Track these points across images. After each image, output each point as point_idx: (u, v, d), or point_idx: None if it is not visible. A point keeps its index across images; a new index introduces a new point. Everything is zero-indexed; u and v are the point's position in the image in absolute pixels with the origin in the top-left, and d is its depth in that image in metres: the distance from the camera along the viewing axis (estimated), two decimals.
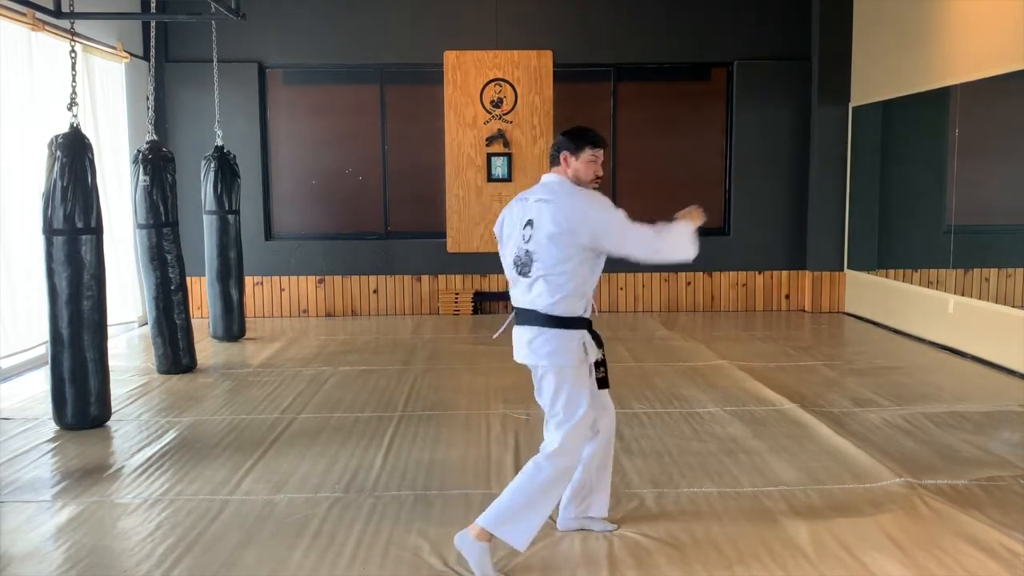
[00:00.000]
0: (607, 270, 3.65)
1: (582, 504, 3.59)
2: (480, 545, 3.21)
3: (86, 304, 5.00)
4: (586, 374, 3.34)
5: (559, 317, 3.27)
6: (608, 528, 3.61)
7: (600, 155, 3.36)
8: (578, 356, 3.28)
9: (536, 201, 3.29)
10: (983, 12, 6.81)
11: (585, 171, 3.33)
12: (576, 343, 3.28)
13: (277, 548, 3.50)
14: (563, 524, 3.61)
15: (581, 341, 3.29)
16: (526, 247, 3.28)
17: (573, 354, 3.28)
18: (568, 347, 3.27)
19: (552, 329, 3.27)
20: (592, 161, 3.33)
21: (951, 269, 7.25)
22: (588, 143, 3.32)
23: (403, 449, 4.75)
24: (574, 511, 3.59)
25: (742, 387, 6.03)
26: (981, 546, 3.44)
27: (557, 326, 3.27)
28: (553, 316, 3.27)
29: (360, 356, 7.26)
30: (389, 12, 9.18)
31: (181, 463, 4.54)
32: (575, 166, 3.32)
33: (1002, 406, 5.53)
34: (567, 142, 3.34)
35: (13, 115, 6.51)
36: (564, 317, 3.28)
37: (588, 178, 3.34)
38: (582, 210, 3.24)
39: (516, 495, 3.24)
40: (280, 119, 9.40)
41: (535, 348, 3.29)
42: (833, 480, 4.19)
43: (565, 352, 3.27)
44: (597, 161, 3.35)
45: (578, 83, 9.41)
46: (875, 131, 8.73)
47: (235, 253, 7.87)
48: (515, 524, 3.21)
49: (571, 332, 3.28)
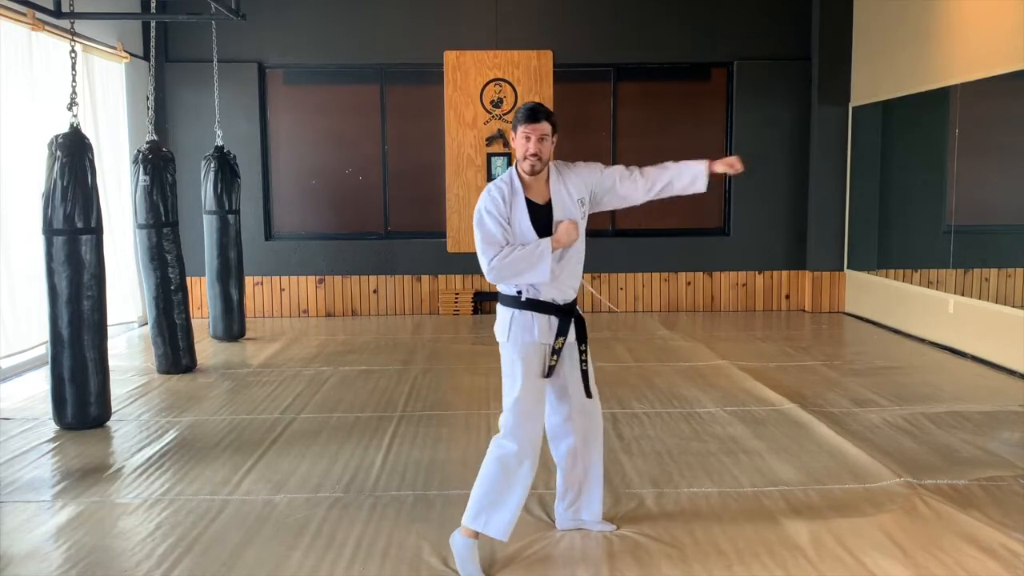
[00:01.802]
0: (606, 270, 3.65)
1: (571, 507, 3.57)
2: (465, 541, 3.24)
3: (86, 304, 5.00)
4: (517, 356, 3.28)
5: (499, 293, 3.38)
6: (607, 528, 3.58)
7: (533, 130, 3.23)
8: (508, 334, 3.28)
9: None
10: (983, 12, 6.81)
11: (519, 147, 3.28)
12: (505, 319, 3.30)
13: (277, 548, 3.50)
14: (560, 524, 3.60)
15: (510, 318, 3.29)
16: None
17: (503, 331, 3.31)
18: (499, 324, 3.34)
19: (498, 304, 3.38)
20: (525, 137, 3.25)
21: (951, 269, 7.25)
22: (520, 119, 3.26)
23: (403, 449, 4.75)
24: (564, 512, 3.59)
25: (742, 387, 6.03)
26: (981, 546, 3.44)
27: (499, 302, 3.38)
28: (499, 292, 3.38)
29: (360, 356, 7.26)
30: (389, 12, 9.18)
31: (181, 463, 4.54)
32: (514, 144, 3.32)
33: (1002, 406, 5.52)
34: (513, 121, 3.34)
35: (13, 115, 6.51)
36: (502, 294, 3.36)
37: (520, 154, 3.28)
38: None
39: (480, 485, 3.27)
40: (280, 119, 9.40)
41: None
42: (833, 480, 4.19)
43: (498, 328, 3.34)
44: (530, 138, 3.23)
45: (578, 83, 9.40)
46: (875, 131, 8.73)
47: (235, 253, 7.87)
48: (489, 514, 3.22)
49: (505, 309, 3.33)
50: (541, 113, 3.26)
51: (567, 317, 3.32)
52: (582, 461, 3.50)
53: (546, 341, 3.29)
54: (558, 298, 3.31)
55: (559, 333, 3.30)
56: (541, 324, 3.28)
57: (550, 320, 3.30)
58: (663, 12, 9.26)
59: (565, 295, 3.33)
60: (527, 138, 3.24)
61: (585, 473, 3.52)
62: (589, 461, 3.51)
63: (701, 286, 9.53)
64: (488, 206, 3.25)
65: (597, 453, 3.53)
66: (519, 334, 3.27)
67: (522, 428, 3.25)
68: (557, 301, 3.30)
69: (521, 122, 3.25)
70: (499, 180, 3.33)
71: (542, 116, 3.25)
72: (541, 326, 3.28)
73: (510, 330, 3.28)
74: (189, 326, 6.65)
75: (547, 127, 3.25)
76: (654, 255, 9.39)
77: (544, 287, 3.27)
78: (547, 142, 3.26)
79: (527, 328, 3.27)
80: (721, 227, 9.50)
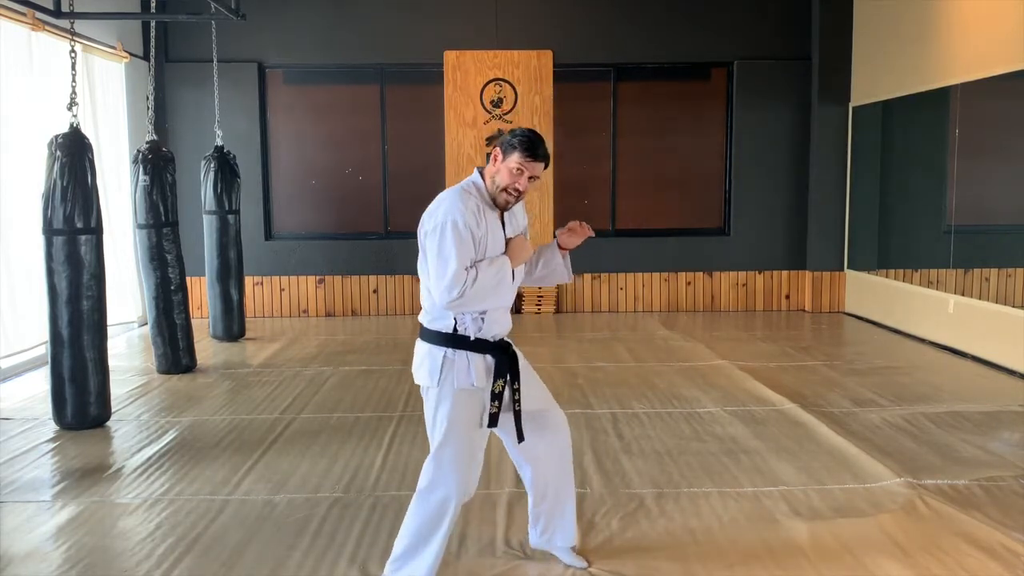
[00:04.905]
0: (607, 269, 3.58)
1: (544, 534, 3.28)
2: None
3: (86, 304, 5.00)
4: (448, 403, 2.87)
5: (426, 328, 2.93)
6: (577, 564, 3.25)
7: (531, 168, 2.85)
8: (438, 377, 2.86)
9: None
10: (983, 12, 6.81)
11: (506, 177, 2.86)
12: (436, 361, 2.87)
13: (277, 548, 3.50)
14: (535, 545, 3.36)
15: (442, 360, 2.86)
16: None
17: (431, 375, 2.88)
18: (424, 366, 2.91)
19: (419, 342, 2.95)
20: (518, 170, 2.85)
21: (951, 269, 7.25)
22: (519, 147, 2.85)
23: (403, 449, 4.75)
24: (538, 537, 3.31)
25: (742, 387, 6.03)
26: (981, 546, 3.44)
27: (422, 338, 2.94)
28: (422, 327, 2.94)
29: (360, 356, 7.26)
30: (389, 12, 9.18)
31: (181, 463, 4.54)
32: (499, 166, 2.88)
33: (1002, 406, 5.52)
34: (506, 139, 2.90)
35: (13, 115, 6.51)
36: (429, 329, 2.92)
37: (503, 184, 2.86)
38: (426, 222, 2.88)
39: (403, 538, 2.98)
40: (280, 119, 9.40)
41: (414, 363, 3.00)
42: (833, 480, 4.19)
43: (422, 370, 2.92)
44: (523, 174, 2.85)
45: (578, 83, 9.40)
46: (875, 131, 8.73)
47: (235, 253, 7.87)
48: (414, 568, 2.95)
49: (433, 348, 2.89)
50: (544, 154, 2.89)
51: (503, 354, 2.92)
52: (552, 488, 3.19)
53: (483, 385, 2.89)
54: (499, 333, 2.93)
55: (497, 375, 2.90)
56: (478, 366, 2.88)
57: (486, 360, 2.90)
58: (663, 12, 9.26)
59: (504, 328, 2.95)
60: (520, 172, 2.85)
61: (555, 498, 3.21)
62: (558, 486, 3.20)
63: (701, 286, 9.53)
64: (468, 220, 2.79)
65: (566, 476, 3.21)
66: (452, 379, 2.86)
67: (453, 477, 2.90)
68: (496, 337, 2.92)
69: (520, 153, 2.85)
70: (468, 190, 2.90)
71: (543, 157, 2.88)
72: (478, 369, 2.87)
73: (441, 374, 2.86)
74: (189, 326, 6.65)
75: (542, 168, 2.90)
76: (654, 255, 9.39)
77: (489, 320, 2.88)
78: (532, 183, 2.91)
79: (462, 371, 2.86)
80: (721, 227, 9.50)
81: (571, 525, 3.27)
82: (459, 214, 2.80)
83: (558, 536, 3.28)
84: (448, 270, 2.76)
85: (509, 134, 2.93)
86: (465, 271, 2.77)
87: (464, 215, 2.80)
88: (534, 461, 3.16)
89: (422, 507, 2.95)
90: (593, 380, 6.28)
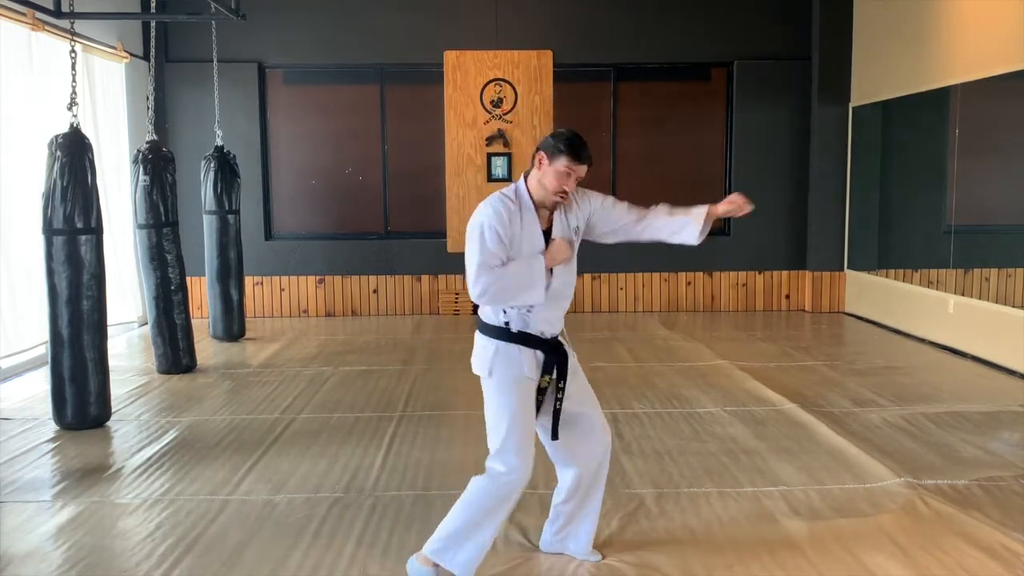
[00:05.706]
0: (607, 269, 3.58)
1: (559, 534, 3.35)
2: (424, 570, 3.07)
3: (86, 304, 5.00)
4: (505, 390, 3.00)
5: (481, 321, 3.10)
6: (591, 558, 3.32)
7: (577, 171, 2.98)
8: (490, 367, 3.01)
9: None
10: (983, 12, 6.81)
11: (554, 181, 2.99)
12: (488, 352, 3.03)
13: (277, 548, 3.50)
14: (544, 547, 3.40)
15: (494, 351, 3.02)
16: None
17: (484, 365, 3.04)
18: (480, 357, 3.06)
19: (477, 334, 3.12)
20: (566, 174, 2.98)
21: (951, 269, 7.25)
22: (565, 151, 2.97)
23: (403, 449, 4.75)
24: (551, 536, 3.37)
25: (742, 387, 6.03)
26: (981, 546, 3.44)
27: (479, 331, 3.10)
28: (479, 320, 3.11)
29: (360, 356, 7.26)
30: (389, 12, 9.18)
31: (181, 463, 4.54)
32: (545, 170, 3.00)
33: (1002, 406, 5.52)
34: (550, 143, 3.02)
35: (13, 115, 6.51)
36: (484, 323, 3.08)
37: (551, 188, 3.00)
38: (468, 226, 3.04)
39: (457, 517, 3.04)
40: (280, 119, 9.40)
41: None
42: (833, 480, 4.19)
43: (478, 361, 3.07)
44: (571, 176, 2.99)
45: (578, 83, 9.40)
46: (875, 131, 8.73)
47: (235, 253, 7.87)
48: (457, 551, 3.01)
49: (487, 340, 3.05)
50: (588, 155, 3.01)
51: (553, 353, 3.06)
52: (581, 491, 3.25)
53: (533, 377, 3.04)
54: (547, 331, 3.06)
55: (545, 371, 3.06)
56: (528, 359, 3.03)
57: (536, 355, 3.05)
58: (663, 12, 9.26)
59: (553, 327, 3.08)
60: (568, 175, 2.98)
61: (582, 501, 3.27)
62: (588, 490, 3.26)
63: (701, 286, 9.53)
64: (493, 222, 2.94)
65: (597, 482, 3.26)
66: (505, 369, 3.01)
67: (518, 463, 2.99)
68: (545, 334, 3.06)
69: (567, 156, 2.96)
70: (504, 195, 3.04)
71: (588, 159, 3.00)
72: (528, 361, 3.03)
73: (493, 364, 3.02)
74: (189, 326, 6.65)
75: (586, 169, 3.02)
76: (654, 255, 9.38)
77: (533, 318, 3.02)
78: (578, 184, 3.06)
79: (514, 362, 3.02)
80: (721, 227, 9.49)
81: (588, 533, 3.32)
82: (487, 217, 2.96)
83: (571, 542, 3.34)
84: (471, 269, 2.95)
85: (552, 137, 3.03)
86: (490, 270, 2.92)
87: (491, 218, 2.96)
88: (572, 463, 3.23)
89: (490, 487, 3.00)
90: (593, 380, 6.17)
